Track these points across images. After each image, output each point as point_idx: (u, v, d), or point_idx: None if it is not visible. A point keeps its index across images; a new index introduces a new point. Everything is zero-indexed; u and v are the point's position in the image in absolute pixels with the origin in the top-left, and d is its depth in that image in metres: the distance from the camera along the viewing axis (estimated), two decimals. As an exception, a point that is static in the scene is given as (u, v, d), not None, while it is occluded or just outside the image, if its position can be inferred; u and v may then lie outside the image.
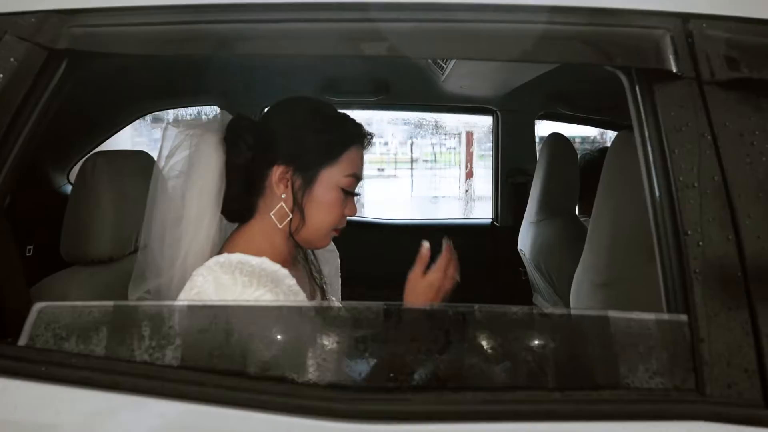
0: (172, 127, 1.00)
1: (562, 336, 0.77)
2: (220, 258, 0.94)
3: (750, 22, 0.77)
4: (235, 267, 0.91)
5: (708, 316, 0.69)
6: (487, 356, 0.73)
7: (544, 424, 0.67)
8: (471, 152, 9.54)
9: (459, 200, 9.77)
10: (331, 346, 0.73)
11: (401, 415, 0.67)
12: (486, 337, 0.74)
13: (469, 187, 9.11)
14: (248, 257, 0.94)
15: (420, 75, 2.05)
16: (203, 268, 0.93)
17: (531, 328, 0.78)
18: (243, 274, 0.91)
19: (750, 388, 0.68)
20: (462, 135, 10.35)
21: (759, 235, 0.71)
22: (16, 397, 0.70)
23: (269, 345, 0.74)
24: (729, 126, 0.74)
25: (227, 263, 0.92)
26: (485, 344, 0.74)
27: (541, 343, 0.74)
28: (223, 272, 0.91)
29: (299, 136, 1.01)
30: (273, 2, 0.79)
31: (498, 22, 0.78)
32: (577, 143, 6.68)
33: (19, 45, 0.80)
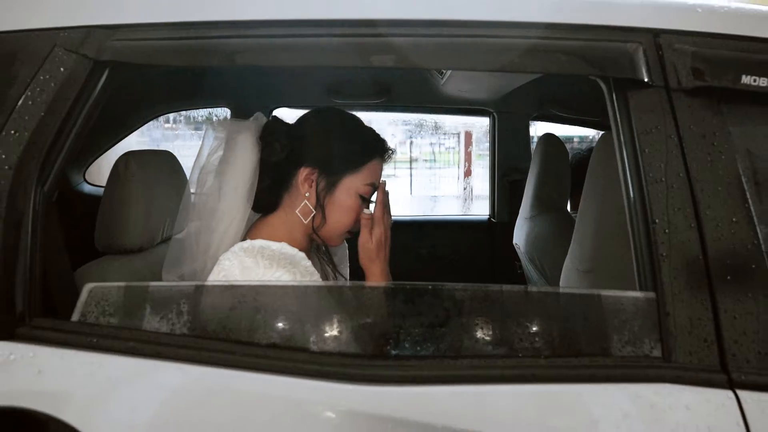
0: (213, 127, 1.10)
1: (548, 312, 0.87)
2: (244, 244, 1.03)
3: (713, 36, 0.87)
4: (258, 251, 1.01)
5: (673, 294, 0.79)
6: (482, 328, 0.83)
7: (530, 385, 0.76)
8: (469, 152, 9.64)
9: (458, 198, 9.87)
10: (343, 320, 0.83)
11: (406, 379, 0.77)
12: (480, 312, 0.84)
13: (467, 185, 9.21)
14: (269, 242, 1.04)
15: (420, 78, 2.15)
16: (229, 253, 1.02)
17: (520, 305, 0.88)
18: (264, 257, 1.00)
19: (709, 355, 0.78)
20: (461, 135, 10.44)
21: (718, 223, 0.80)
22: (73, 365, 0.79)
23: (291, 319, 0.84)
24: (693, 128, 0.84)
25: (251, 248, 1.02)
26: (479, 318, 0.83)
27: (529, 317, 0.84)
28: (246, 256, 1.01)
29: (328, 143, 1.10)
30: (295, 18, 0.88)
31: (492, 37, 0.88)
32: (576, 142, 6.75)
33: (67, 56, 0.90)
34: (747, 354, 0.77)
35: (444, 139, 11.81)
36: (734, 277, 0.79)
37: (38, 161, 0.86)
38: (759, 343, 0.77)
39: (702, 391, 0.76)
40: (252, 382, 0.78)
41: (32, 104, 0.87)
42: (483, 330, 0.83)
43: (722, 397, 0.76)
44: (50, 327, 0.82)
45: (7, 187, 0.84)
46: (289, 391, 0.77)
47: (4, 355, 0.79)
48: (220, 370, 0.78)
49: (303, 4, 0.89)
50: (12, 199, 0.84)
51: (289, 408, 0.76)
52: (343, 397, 0.76)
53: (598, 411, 0.75)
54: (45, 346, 0.80)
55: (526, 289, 1.00)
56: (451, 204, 9.89)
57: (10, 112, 0.87)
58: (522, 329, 0.83)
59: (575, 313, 0.86)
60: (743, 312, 0.78)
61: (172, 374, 0.79)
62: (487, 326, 0.83)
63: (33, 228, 0.85)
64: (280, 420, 0.76)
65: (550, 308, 0.89)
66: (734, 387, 0.76)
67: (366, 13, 0.88)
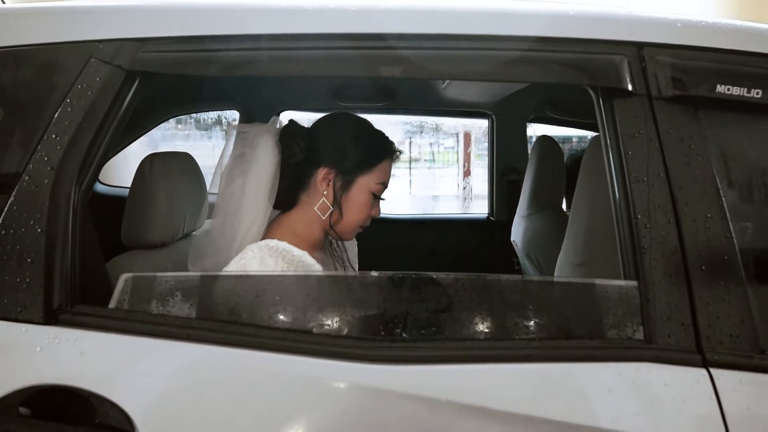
0: (235, 130, 1.18)
1: (541, 300, 0.94)
2: (270, 242, 1.11)
3: (691, 49, 0.95)
4: (280, 253, 1.09)
5: (653, 282, 0.87)
6: (481, 315, 0.91)
7: (526, 364, 0.84)
8: (468, 153, 9.70)
9: (457, 198, 9.93)
10: (355, 307, 0.91)
11: (413, 359, 0.85)
12: (479, 300, 0.92)
13: (466, 184, 9.28)
14: (292, 248, 1.12)
15: (422, 83, 2.22)
16: (255, 246, 1.10)
17: (516, 293, 0.96)
18: (284, 260, 1.09)
19: (685, 338, 0.86)
20: (460, 135, 10.51)
21: (694, 219, 0.88)
22: (112, 347, 0.87)
23: (307, 306, 0.92)
24: (672, 133, 0.91)
25: (275, 248, 1.10)
26: (479, 305, 0.91)
27: (524, 305, 0.92)
28: (269, 255, 1.09)
29: (344, 146, 1.19)
30: (311, 33, 0.96)
31: (492, 49, 0.96)
32: (575, 142, 6.83)
33: (102, 67, 0.97)
34: (720, 336, 0.85)
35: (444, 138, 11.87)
36: (708, 267, 0.87)
37: (77, 163, 0.94)
38: (730, 327, 0.85)
39: (679, 370, 0.84)
40: (272, 361, 0.85)
41: (71, 111, 0.95)
42: (483, 316, 0.91)
43: (697, 374, 0.84)
44: (90, 313, 0.90)
45: (50, 185, 0.92)
46: (305, 369, 0.85)
47: (50, 339, 0.87)
48: (244, 350, 0.86)
49: (313, 20, 0.97)
50: (54, 197, 0.91)
51: (305, 384, 0.84)
52: (359, 374, 0.83)
53: (585, 386, 0.83)
54: (86, 330, 0.88)
55: (522, 279, 1.08)
56: (451, 203, 9.95)
57: (51, 118, 0.94)
58: (518, 315, 0.91)
59: (566, 301, 0.94)
60: (716, 299, 0.86)
61: (200, 354, 0.86)
62: (486, 312, 0.91)
63: (73, 223, 0.92)
64: (296, 394, 0.84)
65: (543, 296, 0.97)
66: (708, 366, 0.84)
67: (376, 28, 0.95)
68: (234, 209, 1.17)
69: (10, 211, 0.91)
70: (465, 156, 9.96)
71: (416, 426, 0.81)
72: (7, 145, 0.94)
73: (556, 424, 0.81)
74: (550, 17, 0.98)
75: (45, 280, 0.89)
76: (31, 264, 0.89)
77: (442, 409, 0.81)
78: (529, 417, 0.81)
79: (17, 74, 0.97)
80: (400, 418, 0.82)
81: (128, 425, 0.82)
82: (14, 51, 0.98)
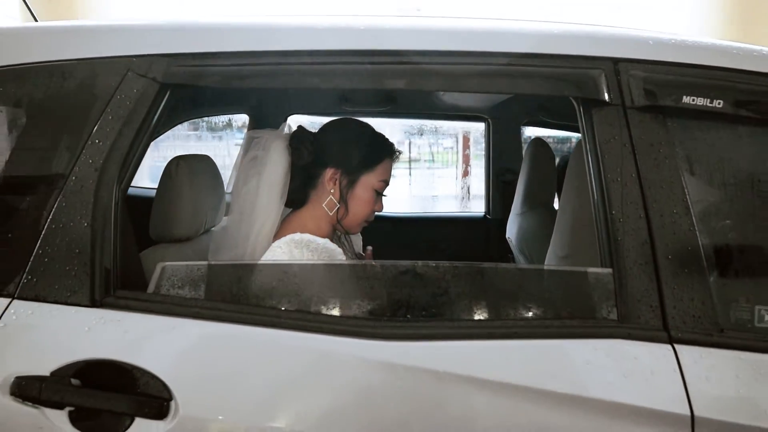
0: (249, 135, 1.29)
1: (528, 285, 1.05)
2: (295, 236, 1.23)
3: (661, 64, 1.05)
4: (306, 244, 1.21)
5: (626, 270, 0.98)
6: (475, 298, 1.02)
7: (513, 341, 0.95)
8: (467, 154, 9.81)
9: (456, 198, 10.03)
10: (365, 292, 1.02)
11: (413, 336, 0.96)
12: (473, 285, 1.03)
13: (464, 184, 9.40)
14: (316, 238, 1.23)
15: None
16: (281, 242, 1.22)
17: (507, 280, 1.07)
18: (309, 250, 1.20)
19: (653, 318, 0.96)
20: (459, 136, 10.61)
21: (661, 214, 0.99)
22: (151, 326, 0.98)
23: (324, 291, 1.03)
24: (643, 138, 1.02)
25: (300, 241, 1.21)
26: (473, 290, 1.02)
27: (513, 290, 1.03)
28: (295, 247, 1.20)
29: (348, 148, 1.30)
30: (323, 49, 1.07)
31: (485, 64, 1.06)
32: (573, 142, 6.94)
33: (138, 80, 1.08)
34: (683, 317, 0.96)
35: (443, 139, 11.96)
36: (674, 256, 0.97)
37: (118, 164, 1.04)
38: (693, 309, 0.96)
39: (647, 345, 0.95)
40: (294, 339, 0.96)
41: (112, 119, 1.05)
42: (476, 299, 1.02)
43: (663, 350, 0.94)
44: (131, 297, 1.01)
45: (94, 185, 1.02)
46: (318, 344, 0.95)
47: (97, 319, 0.98)
48: (266, 329, 0.97)
49: (324, 38, 1.08)
50: (98, 195, 1.02)
51: (318, 357, 0.95)
52: (369, 350, 0.94)
53: (566, 360, 0.94)
54: (128, 312, 0.99)
55: (512, 268, 1.19)
56: (449, 202, 10.05)
57: (94, 125, 1.05)
58: (507, 299, 1.02)
59: (549, 286, 1.05)
60: (681, 284, 0.97)
61: (228, 332, 0.97)
62: (479, 296, 1.02)
63: (114, 218, 1.03)
64: (311, 366, 0.95)
65: (530, 282, 1.08)
66: (673, 342, 0.95)
67: (382, 45, 1.06)
68: (249, 207, 1.28)
69: (59, 207, 1.01)
70: (464, 157, 10.06)
71: (417, 392, 0.92)
72: (55, 150, 1.04)
73: (539, 391, 0.92)
74: (538, 36, 1.09)
75: (91, 268, 1.00)
76: (78, 254, 1.00)
77: (442, 379, 0.92)
78: (515, 386, 0.92)
79: (63, 85, 1.08)
80: (403, 387, 0.93)
81: (166, 393, 0.93)
82: (60, 65, 1.09)
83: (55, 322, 0.98)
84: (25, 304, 0.99)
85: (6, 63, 1.10)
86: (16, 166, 1.06)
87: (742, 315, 0.98)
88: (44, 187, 1.02)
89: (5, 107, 1.09)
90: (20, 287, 0.99)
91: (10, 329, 0.97)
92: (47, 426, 0.93)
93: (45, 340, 0.97)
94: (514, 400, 0.92)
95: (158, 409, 0.92)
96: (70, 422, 0.93)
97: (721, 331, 0.96)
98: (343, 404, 0.94)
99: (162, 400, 0.93)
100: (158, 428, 0.92)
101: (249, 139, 1.32)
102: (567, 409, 0.91)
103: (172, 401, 0.93)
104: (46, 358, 0.95)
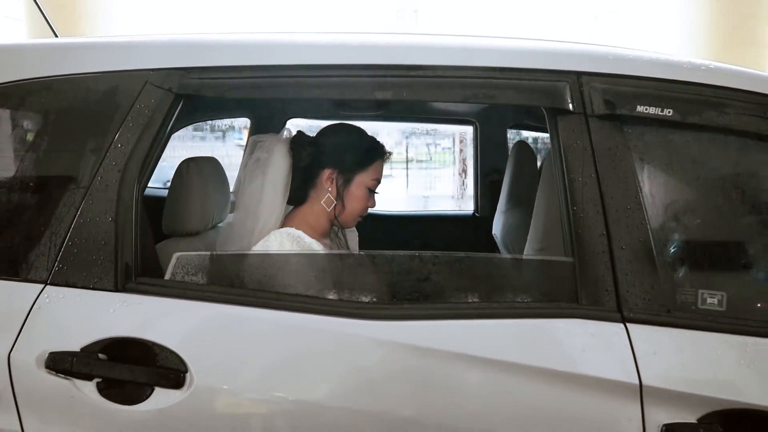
0: (254, 139, 1.42)
1: (502, 272, 1.18)
2: (289, 230, 1.35)
3: (618, 77, 1.17)
4: (295, 239, 1.33)
5: (585, 258, 1.10)
6: (458, 284, 1.14)
7: (489, 320, 1.07)
8: (463, 155, 9.95)
9: (452, 198, 10.17)
10: (358, 279, 1.14)
11: (402, 316, 1.08)
12: (457, 273, 1.15)
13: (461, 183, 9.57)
14: (305, 236, 1.35)
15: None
16: (277, 232, 1.34)
17: (484, 268, 1.19)
18: (297, 245, 1.32)
19: (609, 301, 1.09)
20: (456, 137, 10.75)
21: (616, 209, 1.11)
22: (169, 308, 1.10)
23: (326, 278, 1.15)
24: (602, 143, 1.14)
25: (292, 235, 1.34)
26: (457, 277, 1.15)
27: (489, 276, 1.15)
28: (287, 239, 1.32)
29: (343, 150, 1.42)
30: (321, 63, 1.19)
31: (465, 77, 1.18)
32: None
33: (155, 90, 1.19)
34: (635, 300, 1.08)
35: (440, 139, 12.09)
36: (627, 247, 1.10)
37: (138, 166, 1.16)
38: (643, 292, 1.08)
39: (603, 324, 1.07)
40: (292, 318, 1.08)
41: (132, 125, 1.17)
42: (459, 284, 1.15)
43: (617, 328, 1.07)
44: (151, 283, 1.13)
45: (117, 184, 1.14)
46: (328, 326, 1.07)
47: (121, 302, 1.10)
48: (270, 310, 1.09)
49: (321, 53, 1.20)
50: (121, 193, 1.14)
51: (319, 335, 1.07)
52: (362, 330, 1.06)
53: (533, 335, 1.06)
54: (148, 296, 1.11)
55: (490, 257, 1.31)
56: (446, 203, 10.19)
57: (117, 131, 1.17)
58: (484, 284, 1.14)
59: (520, 273, 1.18)
60: (633, 271, 1.09)
61: (237, 313, 1.09)
62: (462, 283, 1.15)
63: (135, 212, 1.15)
64: (312, 343, 1.07)
65: (504, 270, 1.20)
66: (625, 321, 1.07)
67: (373, 60, 1.18)
68: (255, 204, 1.41)
69: (87, 204, 1.13)
70: (461, 158, 10.21)
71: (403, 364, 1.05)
72: (82, 153, 1.16)
73: (510, 363, 1.04)
74: (513, 52, 1.21)
75: (115, 257, 1.12)
76: (104, 245, 1.12)
77: (424, 353, 1.04)
78: (490, 359, 1.04)
79: (88, 96, 1.20)
80: (389, 357, 1.05)
81: (182, 366, 1.05)
82: (85, 77, 1.21)
83: (84, 304, 1.10)
84: (56, 289, 1.10)
85: (35, 75, 1.22)
86: (47, 167, 1.18)
87: (686, 298, 1.10)
88: (73, 186, 1.14)
89: (37, 115, 1.21)
90: (52, 274, 1.11)
91: (44, 311, 1.09)
92: (78, 395, 1.05)
93: (75, 321, 1.09)
94: (488, 371, 1.04)
95: (175, 379, 1.04)
96: (98, 392, 1.06)
97: (668, 311, 1.08)
98: (337, 373, 1.06)
99: (178, 372, 1.05)
100: (175, 396, 1.05)
101: (253, 143, 1.44)
102: (534, 378, 1.04)
103: (187, 373, 1.05)
104: (76, 336, 1.07)
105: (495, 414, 1.03)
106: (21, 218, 1.14)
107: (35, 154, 1.19)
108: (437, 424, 1.04)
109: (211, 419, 1.05)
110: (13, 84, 1.20)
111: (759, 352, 1.06)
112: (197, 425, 1.05)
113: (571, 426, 1.04)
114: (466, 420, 1.03)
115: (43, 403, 1.07)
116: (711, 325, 1.08)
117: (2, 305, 1.11)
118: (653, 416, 1.02)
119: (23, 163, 1.18)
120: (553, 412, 1.04)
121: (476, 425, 1.03)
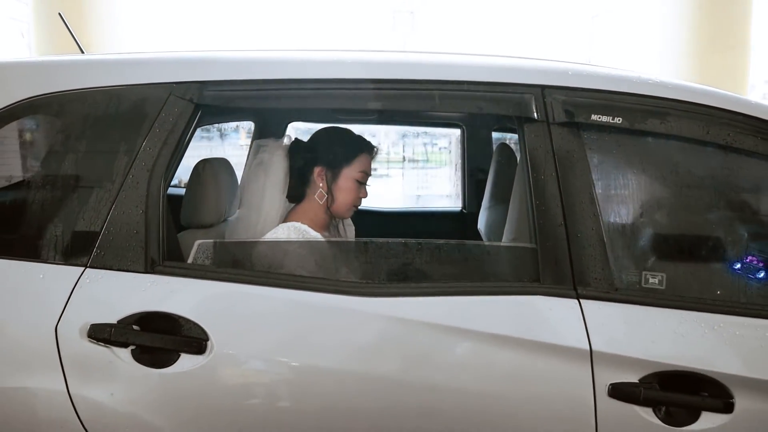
0: (257, 143, 1.59)
1: (475, 256, 1.35)
2: (296, 224, 1.53)
3: (577, 90, 1.35)
4: (301, 232, 1.51)
5: (545, 245, 1.27)
6: (439, 266, 1.32)
7: (463, 296, 1.25)
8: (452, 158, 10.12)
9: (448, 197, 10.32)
10: (356, 262, 1.32)
11: (392, 293, 1.25)
12: (431, 258, 1.33)
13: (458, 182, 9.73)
14: (310, 229, 1.53)
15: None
16: (284, 226, 1.52)
17: (461, 252, 1.36)
18: (303, 237, 1.49)
19: (565, 280, 1.26)
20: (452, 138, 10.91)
21: (574, 203, 1.29)
22: (193, 287, 1.27)
23: (326, 262, 1.32)
24: (562, 147, 1.32)
25: (298, 228, 1.52)
26: (432, 261, 1.32)
27: (464, 259, 1.33)
28: (293, 232, 1.50)
29: (330, 149, 1.61)
30: (321, 77, 1.36)
31: (444, 90, 1.35)
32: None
33: (179, 101, 1.36)
34: (588, 279, 1.26)
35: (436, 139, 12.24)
36: (581, 234, 1.27)
37: (164, 165, 1.33)
38: (595, 273, 1.26)
39: (560, 300, 1.24)
40: (300, 295, 1.25)
41: (159, 131, 1.34)
42: (440, 268, 1.32)
43: (572, 303, 1.24)
44: (177, 266, 1.30)
45: (146, 181, 1.31)
46: (331, 302, 1.25)
47: (151, 282, 1.27)
48: (281, 289, 1.26)
49: (320, 69, 1.37)
50: (150, 189, 1.31)
51: (321, 311, 1.25)
52: (357, 305, 1.24)
53: (500, 309, 1.24)
54: (174, 277, 1.28)
55: (466, 244, 1.49)
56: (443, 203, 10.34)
57: (145, 136, 1.34)
58: (461, 267, 1.32)
59: (491, 258, 1.35)
60: (586, 255, 1.26)
61: (251, 291, 1.26)
62: (442, 266, 1.33)
63: (161, 206, 1.32)
64: (319, 317, 1.24)
65: (478, 255, 1.38)
66: (579, 298, 1.24)
67: (367, 75, 1.36)
68: (258, 201, 1.59)
69: (121, 198, 1.30)
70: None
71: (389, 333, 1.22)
72: (116, 154, 1.33)
73: (481, 333, 1.21)
74: (486, 68, 1.39)
75: (145, 244, 1.29)
76: (136, 234, 1.29)
77: (408, 324, 1.22)
78: (465, 329, 1.22)
79: (119, 105, 1.36)
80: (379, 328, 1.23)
81: (204, 335, 1.22)
82: (116, 89, 1.37)
83: (119, 284, 1.27)
84: (95, 271, 1.28)
85: (69, 88, 1.38)
86: (86, 167, 1.35)
87: (632, 278, 1.28)
88: (109, 183, 1.31)
89: (77, 122, 1.38)
90: (92, 258, 1.28)
91: (86, 290, 1.26)
92: (115, 360, 1.23)
93: (112, 298, 1.26)
94: (463, 339, 1.22)
95: (198, 346, 1.22)
96: (133, 358, 1.23)
97: (616, 290, 1.26)
98: (335, 341, 1.23)
99: (201, 340, 1.22)
100: (198, 361, 1.22)
101: (256, 147, 1.63)
102: (501, 344, 1.21)
103: (208, 341, 1.22)
104: (113, 311, 1.24)
105: (465, 373, 1.21)
106: (64, 211, 1.31)
107: (75, 155, 1.36)
108: (420, 380, 1.21)
109: (230, 378, 1.23)
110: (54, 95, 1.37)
111: (692, 323, 1.23)
112: (217, 384, 1.22)
113: (534, 385, 1.21)
114: (442, 378, 1.21)
115: (86, 367, 1.24)
116: (652, 301, 1.25)
117: (49, 285, 1.27)
118: (602, 376, 1.20)
119: (65, 164, 1.35)
120: (518, 372, 1.21)
121: (451, 383, 1.20)
